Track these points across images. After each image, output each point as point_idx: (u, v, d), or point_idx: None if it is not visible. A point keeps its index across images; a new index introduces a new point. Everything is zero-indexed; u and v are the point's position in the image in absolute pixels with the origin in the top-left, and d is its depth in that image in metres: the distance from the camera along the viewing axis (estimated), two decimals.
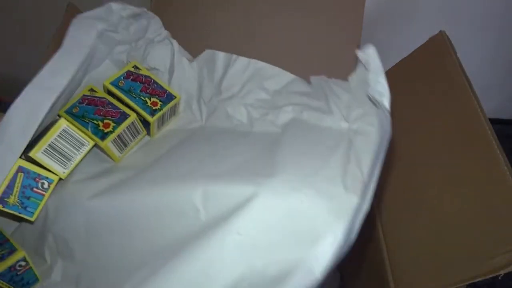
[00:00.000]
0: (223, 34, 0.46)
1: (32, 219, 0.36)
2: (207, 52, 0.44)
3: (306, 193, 0.31)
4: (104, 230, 0.36)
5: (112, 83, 0.42)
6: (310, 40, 0.39)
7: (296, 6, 0.54)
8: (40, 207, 0.36)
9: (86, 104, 0.40)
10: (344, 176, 0.32)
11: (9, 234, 0.39)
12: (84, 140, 0.39)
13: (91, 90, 0.41)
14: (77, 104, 0.40)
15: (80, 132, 0.38)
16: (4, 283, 0.34)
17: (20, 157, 0.35)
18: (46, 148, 0.36)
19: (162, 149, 0.41)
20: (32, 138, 0.35)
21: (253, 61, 0.42)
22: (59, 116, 0.39)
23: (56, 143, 0.36)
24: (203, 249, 0.31)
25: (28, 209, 0.35)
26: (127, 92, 0.42)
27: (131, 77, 0.43)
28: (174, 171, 0.36)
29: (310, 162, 0.34)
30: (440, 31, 0.46)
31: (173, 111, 0.44)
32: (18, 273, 0.35)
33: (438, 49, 0.41)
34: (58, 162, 0.37)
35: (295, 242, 0.30)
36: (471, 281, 0.35)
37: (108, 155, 0.40)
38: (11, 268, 0.34)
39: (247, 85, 0.43)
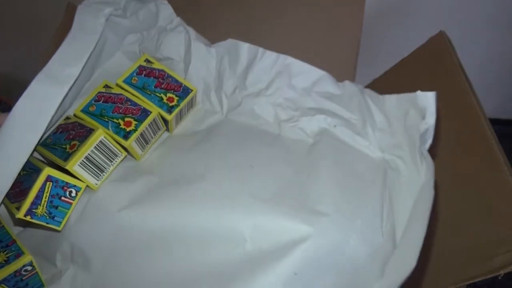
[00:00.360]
0: (223, 33, 0.45)
1: (59, 228, 0.34)
2: (230, 42, 0.42)
3: (353, 238, 0.32)
4: (132, 246, 0.34)
5: (125, 81, 0.40)
6: (310, 39, 0.39)
7: (296, 5, 0.54)
8: (67, 216, 0.35)
9: (103, 102, 0.38)
10: (381, 222, 0.33)
11: (16, 234, 0.37)
12: (118, 151, 0.37)
13: (107, 86, 0.39)
14: (93, 102, 0.38)
15: (111, 141, 0.36)
16: None
17: (41, 161, 0.34)
18: (83, 161, 0.34)
19: (185, 147, 0.39)
20: (43, 134, 0.33)
21: (282, 56, 0.40)
22: (76, 116, 0.37)
23: (93, 155, 0.35)
24: (251, 283, 0.30)
25: (56, 218, 0.34)
26: (142, 89, 0.40)
27: (144, 73, 0.41)
28: (216, 189, 0.35)
29: (352, 198, 0.34)
30: (440, 31, 0.46)
31: (191, 104, 0.43)
32: (23, 278, 0.33)
33: (438, 49, 0.41)
34: (92, 174, 0.36)
35: (343, 284, 0.31)
36: (471, 281, 0.36)
37: (130, 153, 0.38)
38: (16, 273, 0.32)
39: (275, 82, 0.41)
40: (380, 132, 0.38)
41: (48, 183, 0.32)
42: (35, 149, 0.34)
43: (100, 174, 0.36)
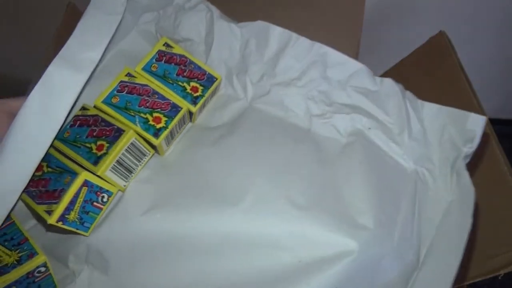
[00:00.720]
0: None
1: (87, 234, 0.33)
2: (259, 23, 0.38)
3: (390, 254, 0.32)
4: (155, 251, 0.32)
5: (145, 69, 0.36)
6: (309, 39, 0.38)
7: (295, 5, 0.53)
8: (96, 222, 0.33)
9: (127, 93, 0.35)
10: (411, 236, 0.33)
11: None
12: (146, 151, 0.35)
13: (129, 75, 0.35)
14: (115, 92, 0.34)
15: (141, 140, 0.34)
16: None
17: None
18: (114, 165, 0.32)
19: (209, 141, 0.37)
20: (61, 126, 0.30)
21: (318, 44, 0.37)
22: (97, 107, 0.34)
23: (123, 157, 0.33)
24: None
25: (85, 224, 0.32)
26: (163, 77, 0.36)
27: (164, 59, 0.37)
28: (246, 191, 0.33)
29: (389, 210, 0.34)
30: (440, 31, 0.46)
31: (214, 93, 0.40)
32: (36, 280, 0.31)
33: (438, 49, 0.40)
34: (121, 176, 0.34)
35: None
36: (471, 281, 0.35)
37: (156, 150, 0.36)
38: (29, 274, 0.30)
39: (309, 72, 0.38)
40: (414, 142, 0.37)
41: (84, 188, 0.30)
42: (52, 144, 0.32)
43: (128, 176, 0.34)
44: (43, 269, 0.31)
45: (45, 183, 0.31)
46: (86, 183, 0.30)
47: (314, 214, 0.32)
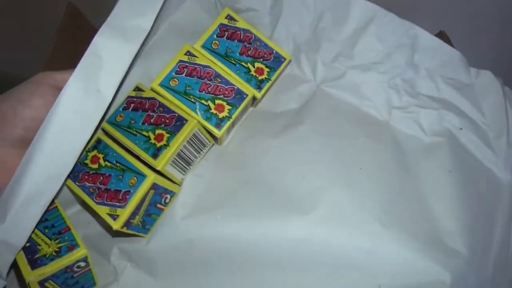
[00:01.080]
0: None
1: (146, 236, 0.30)
2: None
3: (484, 286, 0.28)
4: (208, 258, 0.29)
5: (204, 46, 0.32)
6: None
7: None
8: (156, 223, 0.30)
9: (186, 75, 0.31)
10: (509, 265, 0.30)
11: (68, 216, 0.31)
12: (207, 141, 0.31)
13: (189, 53, 0.31)
14: (173, 74, 0.30)
15: (203, 132, 0.30)
16: (56, 285, 0.28)
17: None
18: (175, 158, 0.29)
19: (272, 130, 0.33)
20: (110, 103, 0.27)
21: (408, 24, 0.32)
22: (153, 90, 0.30)
23: (184, 149, 0.29)
24: None
25: (146, 226, 0.29)
26: (225, 57, 0.32)
27: (226, 34, 0.32)
28: (315, 198, 0.29)
29: (481, 229, 0.30)
30: (440, 31, 0.44)
31: (280, 75, 0.35)
32: (74, 275, 0.28)
33: None
34: (179, 169, 0.30)
35: None
36: None
37: (215, 141, 0.33)
38: (68, 268, 0.27)
39: (394, 56, 0.33)
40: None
41: (151, 191, 0.27)
42: (100, 124, 0.29)
43: (187, 168, 0.31)
44: (83, 263, 0.28)
45: (105, 179, 0.27)
46: (153, 186, 0.27)
47: (398, 232, 0.28)
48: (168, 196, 0.30)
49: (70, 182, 0.28)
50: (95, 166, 0.28)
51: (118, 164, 0.28)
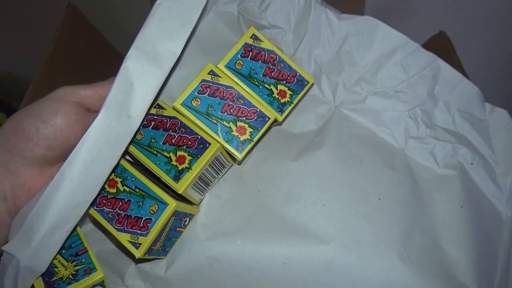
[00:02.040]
0: None
1: (165, 258, 0.30)
2: (366, 19, 0.32)
3: None
4: (225, 282, 0.29)
5: (228, 66, 0.31)
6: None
7: None
8: (175, 245, 0.30)
9: (209, 95, 0.30)
10: None
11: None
12: (227, 163, 0.31)
13: (212, 73, 0.31)
14: (196, 93, 0.30)
15: (224, 154, 0.30)
16: None
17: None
18: (196, 181, 0.29)
19: (290, 153, 0.33)
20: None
21: (432, 56, 0.32)
22: (175, 109, 0.30)
23: (206, 172, 0.29)
24: None
25: (166, 249, 0.29)
26: (248, 78, 0.32)
27: (251, 54, 0.32)
28: (336, 229, 0.29)
29: (486, 266, 0.30)
30: (440, 31, 0.45)
31: (302, 98, 0.35)
32: None
33: (438, 49, 0.37)
34: (199, 191, 0.30)
35: None
36: None
37: (235, 162, 0.32)
38: None
39: (416, 87, 0.33)
40: None
41: (172, 218, 0.27)
42: (127, 149, 0.28)
43: (205, 189, 0.31)
44: (99, 287, 0.28)
45: (124, 206, 0.27)
46: (174, 213, 0.27)
47: (415, 266, 0.28)
48: (187, 219, 0.30)
49: None
50: (113, 190, 0.28)
51: (137, 190, 0.27)
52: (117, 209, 0.27)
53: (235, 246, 0.29)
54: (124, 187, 0.28)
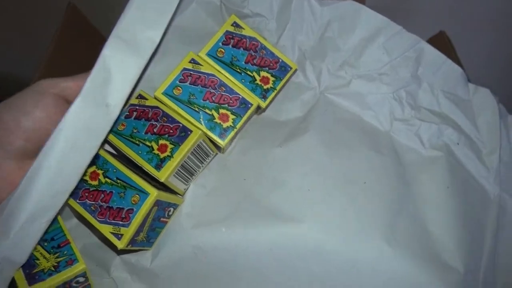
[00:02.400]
0: None
1: (151, 249, 0.30)
2: (348, 4, 0.32)
3: None
4: (214, 271, 0.29)
5: (209, 54, 0.31)
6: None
7: None
8: (160, 236, 0.30)
9: (190, 83, 0.30)
10: (495, 283, 0.30)
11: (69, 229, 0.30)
12: (210, 151, 0.31)
13: (193, 61, 0.31)
14: (177, 82, 0.30)
15: (207, 142, 0.30)
16: None
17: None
18: (178, 170, 0.28)
19: (276, 139, 0.33)
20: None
21: (415, 38, 0.32)
22: (157, 99, 0.30)
23: (188, 160, 0.29)
24: None
25: (150, 240, 0.29)
26: (230, 65, 0.31)
27: (232, 42, 0.32)
28: (321, 210, 0.29)
29: (474, 246, 0.30)
30: (440, 31, 0.45)
31: (285, 84, 0.34)
32: None
33: (438, 49, 0.37)
34: (182, 180, 0.30)
35: None
36: None
37: (218, 149, 0.32)
38: (66, 284, 0.27)
39: (399, 69, 0.33)
40: (503, 165, 0.32)
41: (154, 207, 0.27)
42: (107, 138, 0.28)
43: (189, 179, 0.31)
44: (82, 279, 0.27)
45: (106, 197, 0.27)
46: (156, 202, 0.27)
47: (401, 248, 0.28)
48: (172, 209, 0.30)
49: (70, 200, 0.27)
50: (95, 182, 0.27)
51: (119, 181, 0.27)
52: (99, 201, 0.27)
53: (221, 234, 0.29)
54: (106, 179, 0.27)
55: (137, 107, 0.30)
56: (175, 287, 0.29)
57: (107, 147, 0.31)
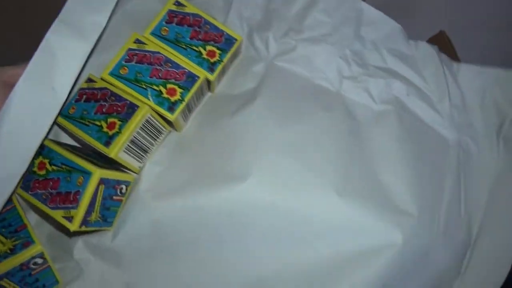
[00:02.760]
0: None
1: (111, 229, 0.30)
2: None
3: (438, 241, 0.29)
4: (176, 240, 0.30)
5: (153, 33, 0.32)
6: None
7: None
8: (118, 215, 0.30)
9: (136, 62, 0.31)
10: (460, 215, 0.31)
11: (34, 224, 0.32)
12: (162, 128, 0.31)
13: (138, 41, 0.31)
14: (123, 62, 0.30)
15: (157, 118, 0.31)
16: (13, 284, 0.27)
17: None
18: (128, 145, 0.29)
19: (231, 109, 0.33)
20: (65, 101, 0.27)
21: (358, 1, 0.33)
22: (104, 80, 0.30)
23: (138, 136, 0.29)
24: None
25: (108, 220, 0.29)
26: (174, 42, 0.32)
27: (176, 20, 0.32)
28: (271, 170, 0.30)
29: (431, 190, 0.31)
30: (440, 31, 0.46)
31: (234, 57, 0.35)
32: (32, 273, 0.28)
33: (438, 49, 0.37)
34: (136, 157, 0.30)
35: None
36: None
37: (172, 126, 0.33)
38: (23, 266, 0.27)
39: (341, 29, 0.34)
40: (455, 109, 0.33)
41: (100, 186, 0.27)
42: (55, 122, 0.28)
43: (143, 156, 0.31)
44: (39, 260, 0.28)
45: (54, 184, 0.27)
46: (102, 181, 0.27)
47: (352, 198, 0.29)
48: (124, 187, 0.30)
49: (23, 193, 0.28)
50: (43, 172, 0.28)
51: (64, 166, 0.27)
52: (48, 189, 0.27)
53: (179, 204, 0.29)
54: (52, 166, 0.28)
55: (87, 90, 0.30)
56: (137, 263, 0.30)
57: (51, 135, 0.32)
